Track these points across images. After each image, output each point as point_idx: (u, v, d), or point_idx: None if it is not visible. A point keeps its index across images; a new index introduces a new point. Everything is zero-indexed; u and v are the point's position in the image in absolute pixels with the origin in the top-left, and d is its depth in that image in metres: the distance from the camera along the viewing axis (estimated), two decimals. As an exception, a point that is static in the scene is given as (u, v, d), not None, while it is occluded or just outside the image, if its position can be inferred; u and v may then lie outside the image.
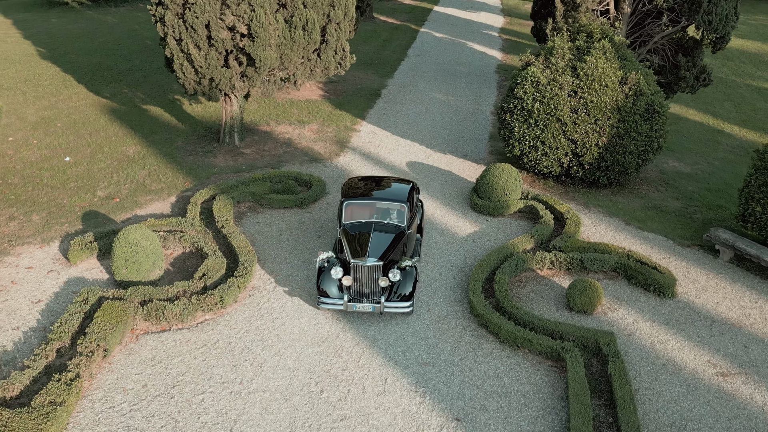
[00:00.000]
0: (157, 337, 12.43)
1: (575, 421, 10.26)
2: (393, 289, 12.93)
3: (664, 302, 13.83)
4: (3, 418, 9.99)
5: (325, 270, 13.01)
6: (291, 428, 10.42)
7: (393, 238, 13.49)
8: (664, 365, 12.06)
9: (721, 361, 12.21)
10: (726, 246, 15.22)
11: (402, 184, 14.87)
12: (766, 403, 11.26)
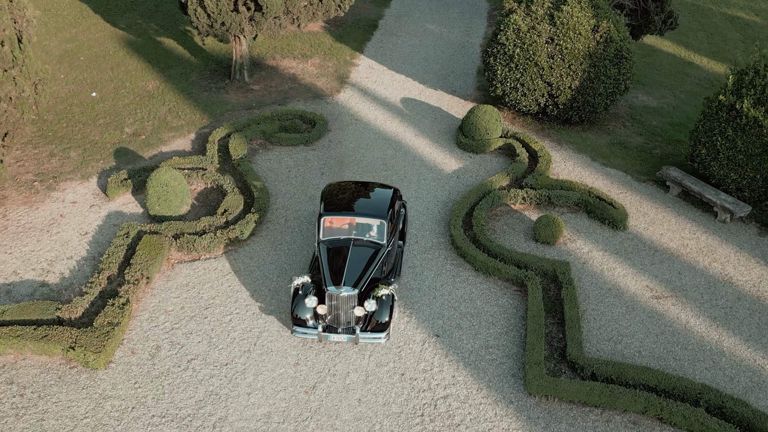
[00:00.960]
0: (190, 266, 14.41)
1: (531, 337, 12.37)
2: (369, 317, 12.38)
3: (617, 234, 15.75)
4: (73, 335, 12.08)
5: (299, 296, 12.40)
6: (303, 342, 12.55)
7: (371, 259, 12.80)
8: (610, 290, 14.11)
9: (657, 286, 14.24)
10: (675, 183, 17.00)
11: (384, 192, 14.04)
12: (688, 321, 13.36)
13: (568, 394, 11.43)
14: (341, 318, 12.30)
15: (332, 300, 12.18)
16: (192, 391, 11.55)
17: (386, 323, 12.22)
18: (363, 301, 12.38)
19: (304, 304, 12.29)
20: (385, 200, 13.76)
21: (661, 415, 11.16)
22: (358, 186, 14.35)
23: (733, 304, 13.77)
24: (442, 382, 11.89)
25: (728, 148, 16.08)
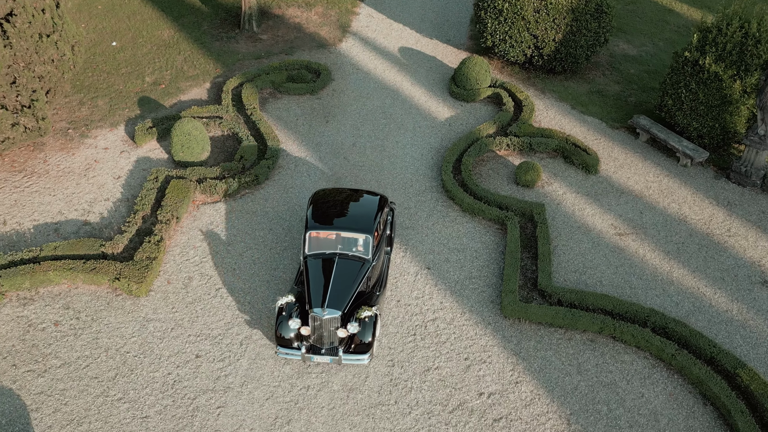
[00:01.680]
0: (212, 207, 16.06)
1: (507, 269, 14.14)
2: (352, 338, 12.41)
3: (589, 177, 17.32)
4: (117, 268, 13.84)
5: (283, 317, 12.41)
6: (313, 274, 14.33)
7: (356, 276, 12.75)
8: (579, 227, 15.80)
9: (620, 224, 15.93)
10: (643, 130, 18.45)
11: (370, 202, 13.87)
12: (645, 255, 15.11)
13: (537, 317, 13.28)
14: (324, 338, 12.32)
15: (315, 321, 12.16)
16: (221, 314, 13.40)
17: (369, 343, 12.24)
18: (346, 323, 12.36)
19: (288, 326, 12.28)
20: (371, 212, 13.55)
21: (614, 334, 13.04)
22: (345, 195, 14.08)
23: (685, 240, 15.50)
24: (432, 307, 13.73)
25: (691, 100, 17.47)
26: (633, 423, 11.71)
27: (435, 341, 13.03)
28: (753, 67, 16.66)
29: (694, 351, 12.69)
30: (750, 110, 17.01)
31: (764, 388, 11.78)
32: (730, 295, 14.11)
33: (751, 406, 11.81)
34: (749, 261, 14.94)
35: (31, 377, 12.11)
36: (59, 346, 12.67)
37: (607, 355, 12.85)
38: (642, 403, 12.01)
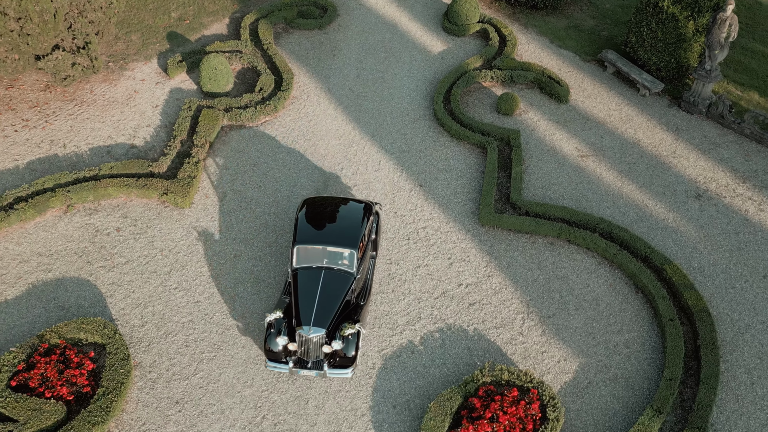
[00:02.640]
0: (238, 132, 18.37)
1: (486, 186, 16.62)
2: (337, 353, 12.80)
3: (560, 107, 19.53)
4: (165, 185, 16.34)
5: (272, 333, 12.75)
6: (325, 185, 16.85)
7: (341, 290, 13.14)
8: (548, 150, 18.18)
9: (583, 147, 18.29)
10: (610, 63, 20.49)
11: (356, 212, 14.17)
12: (601, 173, 17.55)
13: (507, 225, 15.88)
14: (311, 353, 12.74)
15: (302, 338, 12.61)
16: (252, 222, 16.00)
17: (353, 357, 12.64)
18: (331, 339, 12.77)
19: (276, 342, 12.68)
20: (356, 225, 13.83)
21: (569, 238, 15.67)
22: (332, 206, 14.31)
23: (636, 161, 17.90)
24: (423, 217, 16.31)
25: (651, 38, 19.43)
26: (579, 306, 14.50)
27: (425, 244, 15.68)
28: (705, 8, 18.54)
29: (632, 251, 15.36)
30: (701, 47, 19.02)
31: (683, 279, 14.50)
32: (668, 206, 16.66)
33: (672, 294, 14.58)
34: (687, 178, 17.40)
35: (103, 271, 14.83)
36: (122, 248, 15.34)
37: (563, 254, 15.53)
38: (587, 292, 14.78)
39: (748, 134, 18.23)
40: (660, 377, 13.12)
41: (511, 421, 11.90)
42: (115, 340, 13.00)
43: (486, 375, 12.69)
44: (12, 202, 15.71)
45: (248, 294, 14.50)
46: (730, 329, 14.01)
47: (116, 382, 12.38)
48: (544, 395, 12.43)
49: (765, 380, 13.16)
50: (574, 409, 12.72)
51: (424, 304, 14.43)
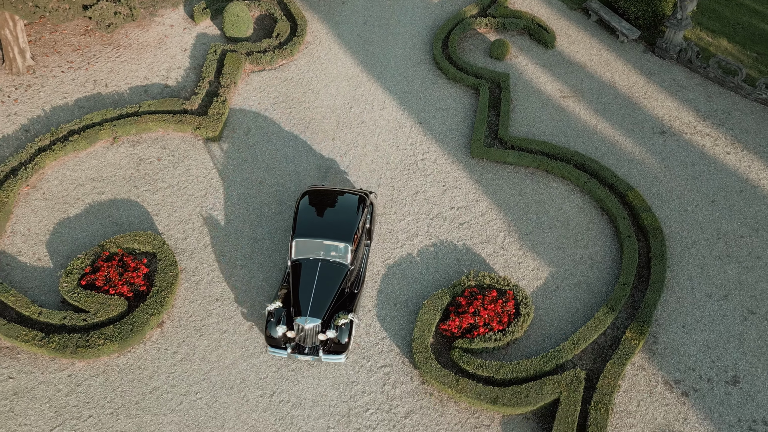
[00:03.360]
0: (258, 74, 20.31)
1: (477, 123, 18.65)
2: (331, 340, 13.62)
3: (547, 52, 21.31)
4: (197, 120, 18.42)
5: (272, 322, 13.57)
6: (337, 123, 18.90)
7: (336, 281, 13.91)
8: (534, 92, 20.09)
9: (565, 89, 20.20)
10: (594, 12, 22.14)
11: (352, 204, 14.83)
12: (580, 112, 19.51)
13: (495, 157, 17.98)
14: (307, 340, 13.61)
15: (299, 327, 13.48)
16: (274, 153, 18.15)
17: (346, 344, 13.50)
18: (326, 328, 13.61)
19: (276, 330, 13.51)
20: (352, 219, 14.52)
21: (548, 168, 17.79)
22: (329, 199, 14.97)
23: (611, 101, 19.84)
24: (421, 150, 18.43)
25: (631, -11, 21.06)
26: (552, 226, 16.77)
27: (423, 174, 17.85)
28: (680, -38, 20.11)
29: (600, 179, 17.50)
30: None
31: (642, 203, 16.70)
32: (636, 141, 18.71)
33: (632, 215, 16.80)
34: (655, 117, 19.38)
35: (149, 194, 17.10)
36: (163, 174, 17.56)
37: (541, 182, 17.69)
38: (560, 214, 17.01)
39: (712, 78, 20.08)
40: (616, 283, 15.48)
41: (490, 315, 14.32)
42: (164, 250, 15.37)
43: (471, 279, 15.06)
44: (66, 135, 17.84)
45: (272, 214, 16.78)
46: (679, 245, 16.30)
47: (167, 282, 14.81)
48: (519, 296, 14.82)
49: (704, 286, 15.52)
50: (543, 307, 15.14)
51: (421, 224, 16.70)
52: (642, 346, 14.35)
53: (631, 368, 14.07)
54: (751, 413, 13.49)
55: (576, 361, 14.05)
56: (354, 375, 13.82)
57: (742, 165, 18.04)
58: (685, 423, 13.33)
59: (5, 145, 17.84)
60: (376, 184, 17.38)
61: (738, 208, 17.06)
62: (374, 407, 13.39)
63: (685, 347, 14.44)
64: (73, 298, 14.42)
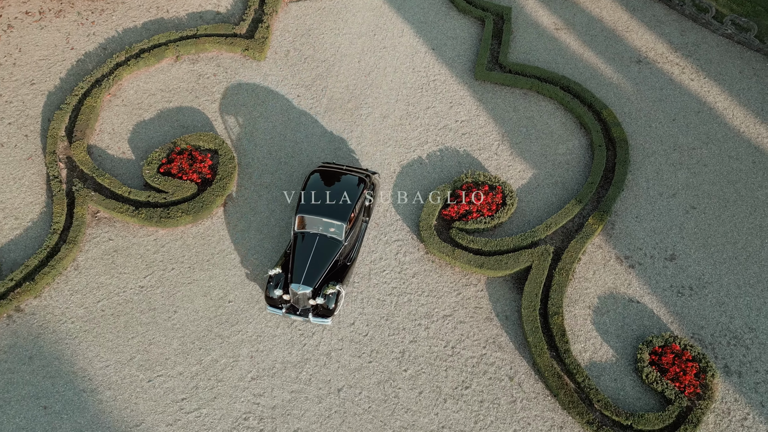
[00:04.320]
0: (296, 4, 23.08)
1: (482, 49, 21.56)
2: (320, 305, 15.41)
3: (546, -12, 23.93)
4: (246, 43, 21.47)
5: (271, 285, 15.46)
6: (362, 49, 21.87)
7: (331, 253, 15.63)
8: (531, 23, 22.82)
9: (559, 22, 22.89)
10: (590, -46, 24.51)
11: (353, 186, 16.45)
12: (569, 42, 22.28)
13: (494, 79, 20.97)
14: (300, 303, 15.47)
15: (293, 292, 15.34)
16: (309, 73, 21.24)
17: (332, 310, 15.35)
18: (316, 295, 15.39)
19: (274, 293, 15.41)
20: (351, 199, 16.18)
21: (538, 90, 20.79)
22: (335, 178, 16.66)
23: (598, 33, 22.51)
24: (433, 72, 21.42)
25: (623, -67, 23.35)
26: (538, 137, 19.92)
27: (433, 92, 20.93)
28: None
29: (581, 100, 20.50)
30: (661, -58, 22.96)
31: (614, 119, 19.73)
32: (615, 68, 21.57)
33: (605, 129, 19.87)
34: (633, 48, 22.14)
35: (207, 103, 20.36)
36: (219, 87, 20.77)
37: (532, 101, 20.74)
38: (546, 126, 20.12)
39: (687, 14, 22.68)
40: (585, 182, 18.76)
41: (482, 204, 17.74)
42: (224, 147, 18.80)
43: (468, 177, 18.40)
44: (138, 53, 21.03)
45: (309, 122, 20.07)
46: (641, 153, 19.46)
47: (227, 172, 18.30)
48: (506, 190, 18.17)
49: (657, 186, 18.76)
50: (525, 200, 18.51)
51: (431, 133, 19.93)
52: (601, 231, 17.77)
53: (591, 246, 17.54)
54: (681, 282, 17.00)
55: (547, 240, 17.53)
56: (374, 246, 17.42)
57: (702, 90, 20.94)
58: (629, 287, 16.88)
59: (88, 60, 21.10)
60: (394, 100, 20.51)
61: (694, 126, 20.10)
62: (389, 269, 17.04)
63: (636, 233, 17.85)
64: (154, 181, 17.99)
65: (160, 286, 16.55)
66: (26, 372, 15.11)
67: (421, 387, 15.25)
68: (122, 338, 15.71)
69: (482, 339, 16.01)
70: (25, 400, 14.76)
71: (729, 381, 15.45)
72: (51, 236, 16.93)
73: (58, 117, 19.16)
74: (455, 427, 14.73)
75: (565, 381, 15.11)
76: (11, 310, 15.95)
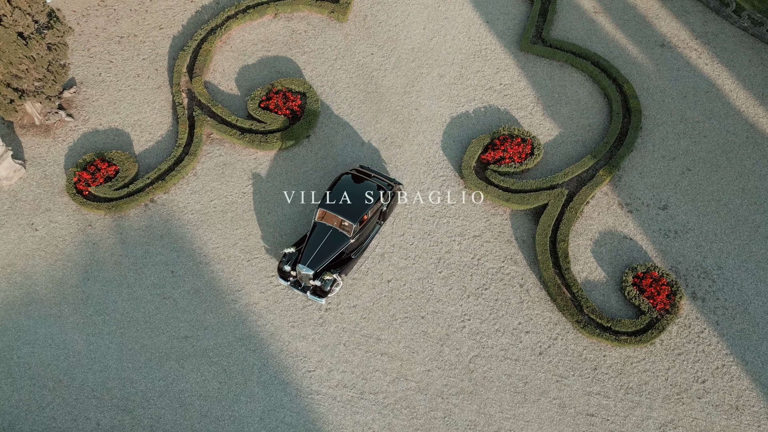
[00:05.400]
0: (375, -24, 26.90)
1: (528, 26, 25.02)
2: (318, 287, 18.15)
3: (590, -25, 26.98)
4: (331, 6, 25.43)
5: (284, 260, 18.20)
6: (427, 19, 25.56)
7: (338, 245, 18.09)
8: (574, 6, 25.99)
9: (598, 6, 26.01)
10: (634, -53, 27.36)
11: (371, 192, 18.81)
12: (604, 24, 25.45)
13: (536, 51, 24.42)
14: (303, 281, 18.27)
15: (298, 271, 18.11)
16: (382, 35, 25.05)
17: (326, 293, 18.00)
18: (316, 278, 18.09)
19: (284, 268, 18.23)
20: (366, 204, 18.47)
21: (572, 63, 24.22)
22: (358, 183, 19.04)
23: (630, 18, 25.61)
24: (485, 42, 24.98)
25: (663, -69, 26.16)
26: (568, 102, 23.40)
27: (483, 58, 24.54)
28: None
29: (608, 74, 23.84)
30: (695, -59, 25.70)
31: (633, 92, 23.06)
32: (641, 49, 24.75)
33: (624, 100, 23.27)
34: (660, 33, 25.21)
35: (298, 54, 24.49)
36: (308, 42, 24.84)
37: (566, 73, 24.18)
38: (575, 94, 23.60)
39: (711, 7, 25.55)
40: (601, 142, 22.30)
41: (514, 152, 21.55)
42: (311, 91, 22.96)
43: (505, 130, 22.17)
44: (245, 8, 25.20)
45: (379, 76, 24.00)
46: (652, 123, 22.85)
47: (312, 111, 22.51)
48: (535, 143, 21.90)
49: (661, 150, 22.18)
50: (550, 153, 22.22)
51: (477, 92, 23.66)
52: (609, 181, 21.42)
53: (598, 193, 21.25)
54: (668, 226, 20.63)
55: (564, 185, 21.28)
56: (424, 179, 21.48)
57: (714, 73, 24.04)
58: (625, 227, 20.61)
59: (204, 12, 25.40)
60: (450, 62, 24.24)
61: (701, 103, 23.32)
62: (434, 197, 21.13)
63: (638, 186, 21.45)
64: (255, 113, 22.35)
65: (258, 193, 21.06)
66: (159, 246, 19.89)
67: (451, 285, 19.46)
68: (229, 228, 20.32)
69: (502, 255, 20.06)
70: (157, 265, 19.56)
71: (694, 304, 19.19)
72: (176, 149, 21.54)
73: (181, 56, 23.61)
74: (474, 317, 18.94)
75: (563, 291, 19.08)
76: (147, 201, 20.70)
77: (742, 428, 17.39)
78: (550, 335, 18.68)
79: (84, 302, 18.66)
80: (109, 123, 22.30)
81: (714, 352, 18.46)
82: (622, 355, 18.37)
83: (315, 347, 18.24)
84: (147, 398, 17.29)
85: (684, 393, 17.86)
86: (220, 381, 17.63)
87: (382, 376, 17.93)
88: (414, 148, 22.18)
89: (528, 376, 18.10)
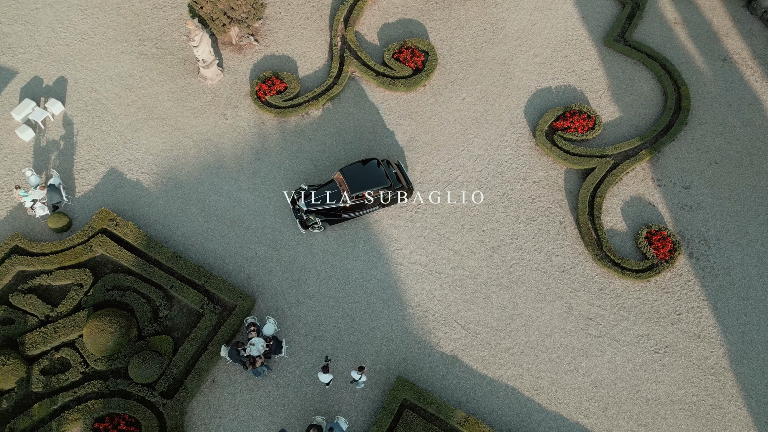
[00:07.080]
0: (500, -35, 32.10)
1: (615, 25, 29.76)
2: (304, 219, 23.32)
3: (679, -9, 31.08)
4: (460, -14, 30.99)
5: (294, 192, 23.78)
6: (531, 12, 30.70)
7: (331, 206, 22.75)
8: (658, 15, 30.35)
9: (678, 18, 30.29)
10: (723, -28, 31.11)
11: (384, 180, 23.40)
12: (680, 35, 29.80)
13: (617, 48, 29.18)
14: (300, 214, 23.51)
15: (299, 204, 23.33)
16: (497, 14, 30.51)
17: (308, 227, 23.43)
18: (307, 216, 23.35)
19: (293, 199, 23.74)
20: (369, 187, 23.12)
21: (643, 62, 28.91)
22: (382, 169, 23.74)
23: (703, 33, 29.72)
24: (575, 34, 29.94)
25: (749, -37, 29.83)
26: (632, 93, 28.26)
27: (573, 47, 29.56)
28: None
29: (670, 75, 28.40)
30: (775, -24, 29.29)
31: (687, 93, 27.71)
32: (704, 60, 29.01)
33: (678, 99, 27.91)
34: (724, 49, 29.33)
35: (428, 20, 30.34)
36: (438, 11, 30.55)
37: (636, 70, 28.82)
38: (638, 88, 28.36)
39: (775, 34, 29.38)
40: (650, 129, 27.23)
41: (580, 123, 26.94)
42: (433, 51, 28.87)
43: (576, 106, 27.48)
44: (393, -22, 31.14)
45: (488, 47, 29.60)
46: (696, 121, 27.47)
47: (431, 67, 28.50)
48: (597, 120, 27.15)
49: (697, 144, 26.91)
50: (608, 130, 27.39)
51: (561, 73, 28.89)
52: (648, 160, 26.55)
53: (637, 167, 26.46)
54: (686, 202, 25.72)
55: (612, 156, 26.58)
56: (504, 132, 27.31)
57: (761, 90, 28.19)
58: (651, 196, 25.86)
59: (362, -24, 31.49)
60: (545, 45, 29.46)
61: (743, 112, 27.69)
62: (509, 147, 26.95)
63: (671, 167, 26.49)
64: (389, 62, 28.60)
65: (379, 123, 27.57)
66: (308, 145, 26.88)
67: (509, 212, 25.55)
68: (357, 143, 27.01)
69: (551, 199, 25.87)
70: (305, 159, 26.60)
71: (688, 261, 24.50)
72: (328, 79, 28.24)
73: (341, 9, 30.04)
74: (521, 237, 25.04)
75: (591, 232, 24.80)
76: (303, 113, 27.64)
77: (699, 351, 22.92)
78: (573, 261, 24.56)
79: (254, 174, 25.96)
80: (283, 51, 29.21)
81: (693, 296, 23.85)
82: (623, 285, 24.08)
83: (404, 234, 24.90)
84: (288, 243, 24.55)
85: (662, 318, 23.48)
86: (338, 243, 24.65)
87: (446, 263, 24.46)
88: (503, 108, 27.93)
89: (550, 284, 24.17)
